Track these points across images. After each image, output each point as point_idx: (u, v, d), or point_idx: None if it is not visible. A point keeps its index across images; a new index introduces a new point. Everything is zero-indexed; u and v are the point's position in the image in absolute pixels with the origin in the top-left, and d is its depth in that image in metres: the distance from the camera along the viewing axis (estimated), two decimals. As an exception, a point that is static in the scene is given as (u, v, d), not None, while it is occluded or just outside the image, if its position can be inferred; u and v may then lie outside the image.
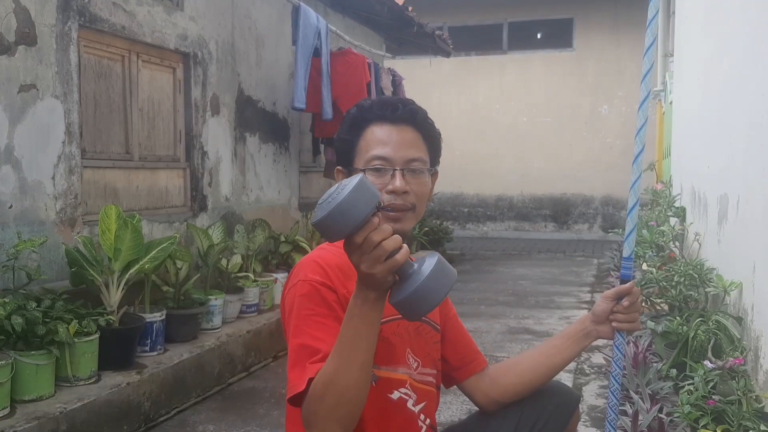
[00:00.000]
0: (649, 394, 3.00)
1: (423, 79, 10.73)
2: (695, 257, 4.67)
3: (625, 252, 1.71)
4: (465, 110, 12.11)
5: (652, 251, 5.16)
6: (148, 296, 3.72)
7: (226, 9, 5.19)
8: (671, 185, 7.73)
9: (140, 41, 4.28)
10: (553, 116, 11.80)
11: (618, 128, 11.46)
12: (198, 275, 4.21)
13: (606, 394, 3.55)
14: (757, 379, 2.84)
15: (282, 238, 5.42)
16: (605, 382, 3.84)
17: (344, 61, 6.04)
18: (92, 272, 3.37)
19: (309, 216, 6.48)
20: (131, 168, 4.32)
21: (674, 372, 3.18)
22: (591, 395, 3.68)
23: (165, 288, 3.97)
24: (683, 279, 3.77)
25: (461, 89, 12.21)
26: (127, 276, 3.47)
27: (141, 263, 3.50)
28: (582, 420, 3.22)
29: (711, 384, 2.75)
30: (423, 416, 1.63)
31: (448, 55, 9.47)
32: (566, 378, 3.88)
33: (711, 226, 4.46)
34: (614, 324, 1.70)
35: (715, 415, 2.56)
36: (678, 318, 3.46)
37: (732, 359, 2.79)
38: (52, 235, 3.54)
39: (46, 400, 2.87)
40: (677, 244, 5.57)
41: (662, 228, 5.39)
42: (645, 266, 4.71)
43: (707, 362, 2.83)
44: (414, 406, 1.60)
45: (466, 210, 12.42)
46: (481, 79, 12.18)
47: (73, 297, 3.34)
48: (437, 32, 8.50)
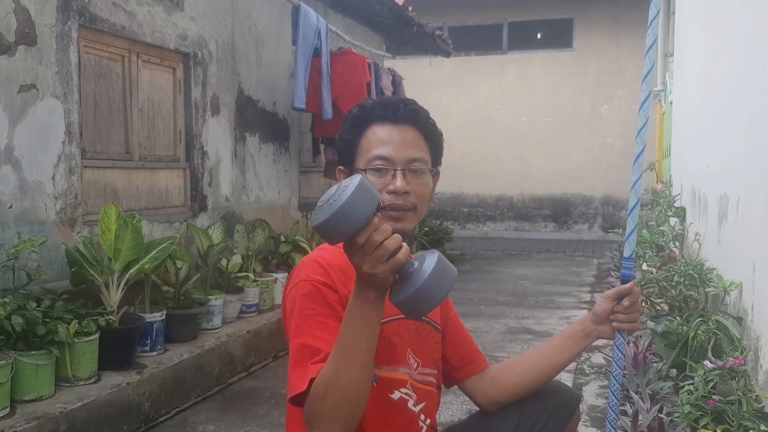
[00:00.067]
0: (649, 394, 3.00)
1: (423, 79, 10.73)
2: (695, 257, 4.68)
3: (626, 252, 1.71)
4: (465, 110, 12.10)
5: (652, 251, 5.16)
6: (148, 296, 3.72)
7: (226, 9, 5.19)
8: (671, 185, 7.74)
9: (140, 41, 4.28)
10: (553, 116, 11.80)
11: (618, 128, 11.46)
12: (198, 275, 4.21)
13: (606, 394, 3.55)
14: (757, 379, 2.84)
15: (282, 238, 5.42)
16: (605, 382, 3.84)
17: (344, 61, 6.04)
18: (92, 272, 3.37)
19: (309, 216, 6.48)
20: (131, 168, 4.32)
21: (674, 372, 3.18)
22: (591, 395, 3.68)
23: (165, 288, 3.98)
24: (683, 279, 3.77)
25: (461, 89, 12.20)
26: (127, 276, 3.48)
27: (141, 263, 3.51)
28: (582, 420, 3.22)
29: (711, 384, 2.75)
30: (423, 416, 1.63)
31: (448, 55, 9.47)
32: (566, 378, 3.88)
33: (711, 226, 4.46)
34: (615, 324, 1.70)
35: (715, 415, 2.56)
36: (678, 318, 3.46)
37: (732, 359, 2.79)
38: (52, 235, 3.54)
39: (46, 400, 2.87)
40: (677, 244, 5.57)
41: (662, 228, 5.39)
42: (645, 266, 4.71)
43: (707, 362, 2.83)
44: (414, 407, 1.60)
45: (466, 210, 12.42)
46: (481, 79, 12.18)
47: (73, 297, 3.34)
48: (437, 32, 8.50)
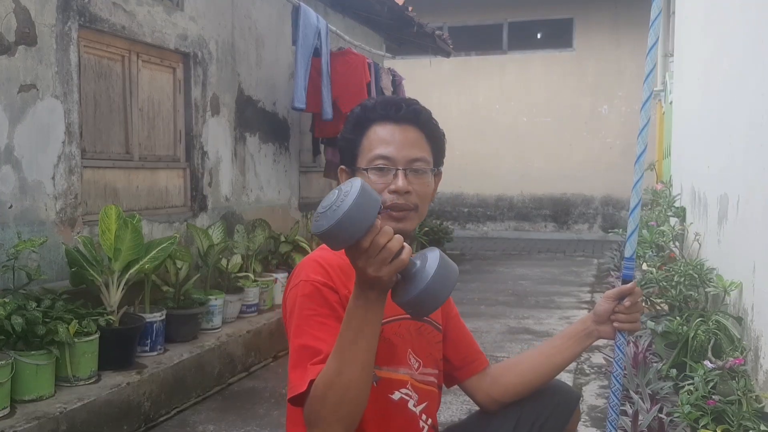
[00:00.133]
0: (649, 394, 3.00)
1: (423, 79, 10.73)
2: (695, 257, 4.68)
3: (627, 252, 1.70)
4: (465, 110, 12.10)
5: (652, 251, 5.17)
6: (148, 296, 3.72)
7: (226, 9, 5.19)
8: (671, 185, 7.74)
9: (140, 41, 4.28)
10: (553, 116, 11.80)
11: (618, 128, 11.46)
12: (198, 275, 4.21)
13: (606, 394, 3.55)
14: (757, 379, 2.84)
15: (282, 238, 5.42)
16: (605, 382, 3.84)
17: (344, 61, 6.04)
18: (92, 272, 3.37)
19: (309, 216, 6.48)
20: (131, 168, 4.32)
21: (674, 372, 3.18)
22: (591, 395, 3.68)
23: (165, 288, 3.97)
24: (683, 279, 3.77)
25: (461, 89, 12.20)
26: (127, 276, 3.47)
27: (141, 263, 3.50)
28: (582, 420, 3.22)
29: (711, 384, 2.75)
30: (425, 416, 1.63)
31: (448, 55, 9.47)
32: (566, 378, 3.88)
33: (711, 226, 4.46)
34: (616, 324, 1.70)
35: (715, 415, 2.56)
36: (678, 318, 3.46)
37: (732, 359, 2.79)
38: (52, 235, 3.54)
39: (46, 400, 2.87)
40: (677, 244, 5.58)
41: (662, 228, 5.40)
42: (645, 266, 4.71)
43: (707, 362, 2.83)
44: (415, 407, 1.60)
45: (466, 210, 12.42)
46: (481, 79, 12.18)
47: (73, 297, 3.34)
48: (437, 32, 8.49)
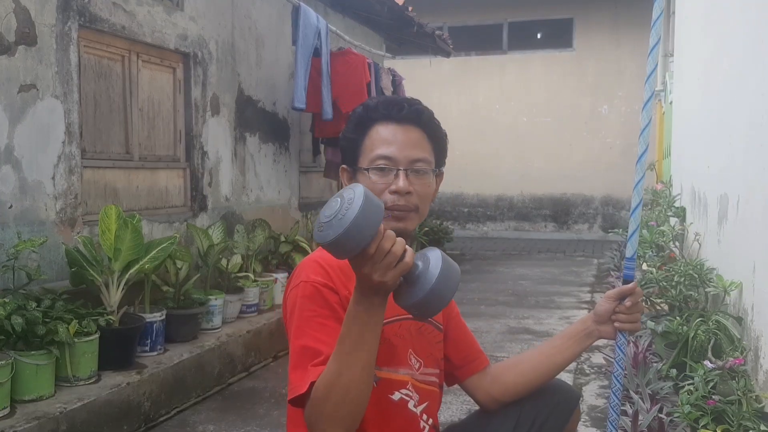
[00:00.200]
0: (649, 394, 3.00)
1: (423, 79, 10.72)
2: (695, 257, 4.68)
3: (628, 252, 1.70)
4: (465, 110, 12.10)
5: (652, 251, 5.17)
6: (148, 296, 3.72)
7: (226, 9, 5.18)
8: (671, 185, 7.75)
9: (140, 41, 4.28)
10: (553, 116, 11.80)
11: (618, 128, 11.46)
12: (198, 275, 4.21)
13: (606, 394, 3.55)
14: (757, 379, 2.84)
15: (282, 238, 5.42)
16: (605, 382, 3.84)
17: (344, 61, 6.04)
18: (92, 272, 3.37)
19: (309, 216, 6.48)
20: (131, 168, 4.32)
21: (674, 372, 3.18)
22: (591, 395, 3.68)
23: (165, 288, 3.97)
24: (683, 279, 3.77)
25: (461, 89, 12.20)
26: (127, 276, 3.47)
27: (141, 263, 3.50)
28: (582, 420, 3.22)
29: (711, 384, 2.75)
30: (426, 416, 1.63)
31: (448, 55, 9.47)
32: (566, 378, 3.88)
33: (711, 226, 4.46)
34: (616, 324, 1.69)
35: (715, 415, 2.56)
36: (678, 318, 3.46)
37: (732, 359, 2.79)
38: (52, 235, 3.54)
39: (46, 400, 2.87)
40: (677, 244, 5.58)
41: (662, 228, 5.40)
42: (645, 266, 4.71)
43: (707, 362, 2.83)
44: (415, 407, 1.60)
45: (466, 210, 12.42)
46: (481, 79, 12.18)
47: (73, 297, 3.34)
48: (437, 32, 8.49)
